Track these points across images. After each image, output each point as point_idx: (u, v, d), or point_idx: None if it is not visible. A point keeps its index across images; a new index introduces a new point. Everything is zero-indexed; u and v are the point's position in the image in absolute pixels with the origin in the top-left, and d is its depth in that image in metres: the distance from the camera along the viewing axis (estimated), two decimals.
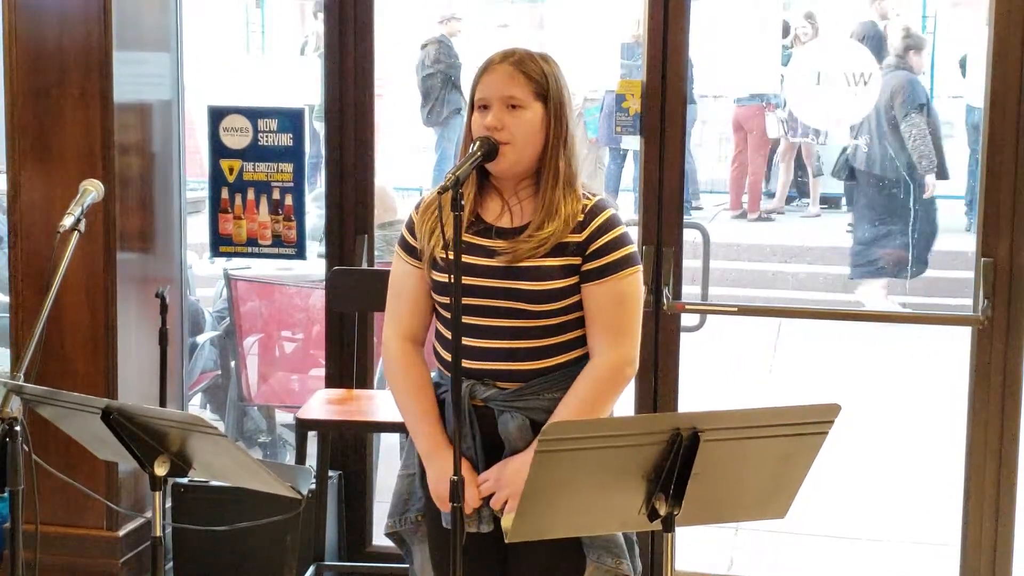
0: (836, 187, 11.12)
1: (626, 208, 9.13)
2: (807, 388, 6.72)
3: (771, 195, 11.04)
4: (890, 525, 5.01)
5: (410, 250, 2.73)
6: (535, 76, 2.62)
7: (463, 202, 2.49)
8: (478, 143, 2.58)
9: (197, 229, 4.72)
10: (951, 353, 4.56)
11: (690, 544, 4.32)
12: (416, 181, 10.44)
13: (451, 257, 2.44)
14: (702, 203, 10.93)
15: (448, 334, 2.61)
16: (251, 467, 2.42)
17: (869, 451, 5.91)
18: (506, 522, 2.56)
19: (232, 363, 5.37)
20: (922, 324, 6.44)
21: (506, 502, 2.59)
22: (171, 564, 4.09)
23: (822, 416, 2.18)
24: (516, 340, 2.61)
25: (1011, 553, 3.84)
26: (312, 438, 3.87)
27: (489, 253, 2.61)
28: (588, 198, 2.66)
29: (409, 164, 10.63)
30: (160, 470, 2.43)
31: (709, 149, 11.47)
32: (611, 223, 2.64)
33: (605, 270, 2.61)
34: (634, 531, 2.72)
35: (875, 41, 9.34)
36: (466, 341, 2.58)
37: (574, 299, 2.62)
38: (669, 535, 2.23)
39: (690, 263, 4.60)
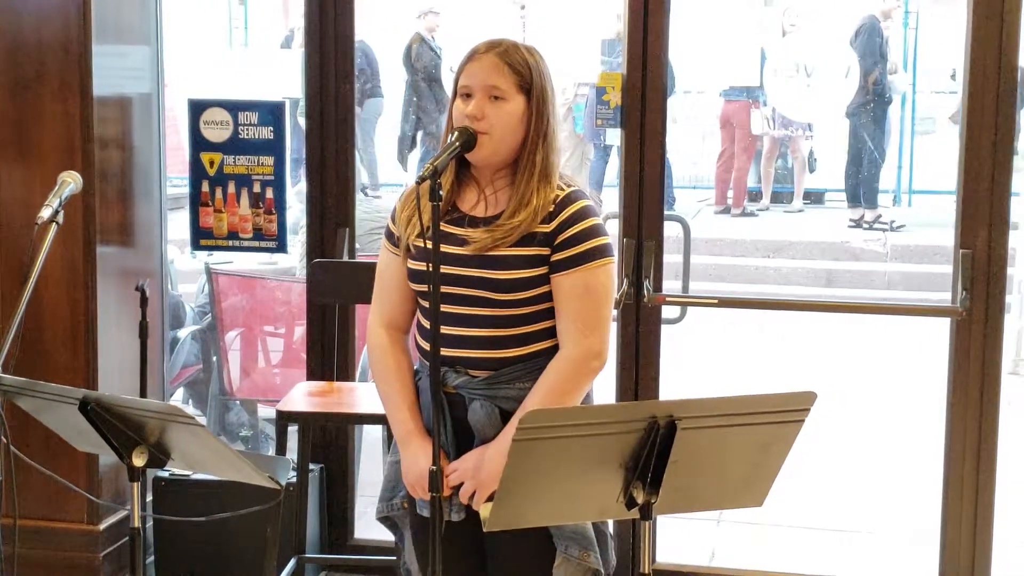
0: (818, 182, 11.18)
1: (611, 203, 9.15)
2: (790, 380, 6.74)
3: (756, 192, 11.09)
4: (872, 517, 5.03)
5: (394, 239, 2.74)
6: (520, 68, 2.62)
7: (441, 191, 2.49)
8: (456, 133, 2.58)
9: (179, 225, 4.72)
10: (933, 345, 4.59)
11: (671, 536, 4.34)
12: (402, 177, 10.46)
13: (426, 246, 2.45)
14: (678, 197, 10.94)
15: (427, 323, 2.62)
16: (229, 457, 2.42)
17: (851, 443, 5.94)
18: (484, 511, 2.57)
19: (214, 358, 5.36)
20: (902, 316, 6.47)
21: (474, 493, 2.60)
22: (152, 558, 4.09)
23: (798, 404, 2.18)
24: (486, 328, 2.61)
25: (990, 543, 3.86)
26: (294, 433, 3.87)
27: (461, 242, 2.62)
28: (562, 188, 2.65)
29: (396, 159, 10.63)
30: (138, 461, 2.42)
31: (692, 145, 11.50)
32: (582, 214, 2.62)
33: (572, 261, 2.60)
34: (609, 524, 2.73)
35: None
36: (441, 329, 2.59)
37: (543, 289, 2.61)
38: (647, 523, 2.23)
39: (673, 258, 4.61)
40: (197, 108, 4.22)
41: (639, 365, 3.99)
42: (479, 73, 2.61)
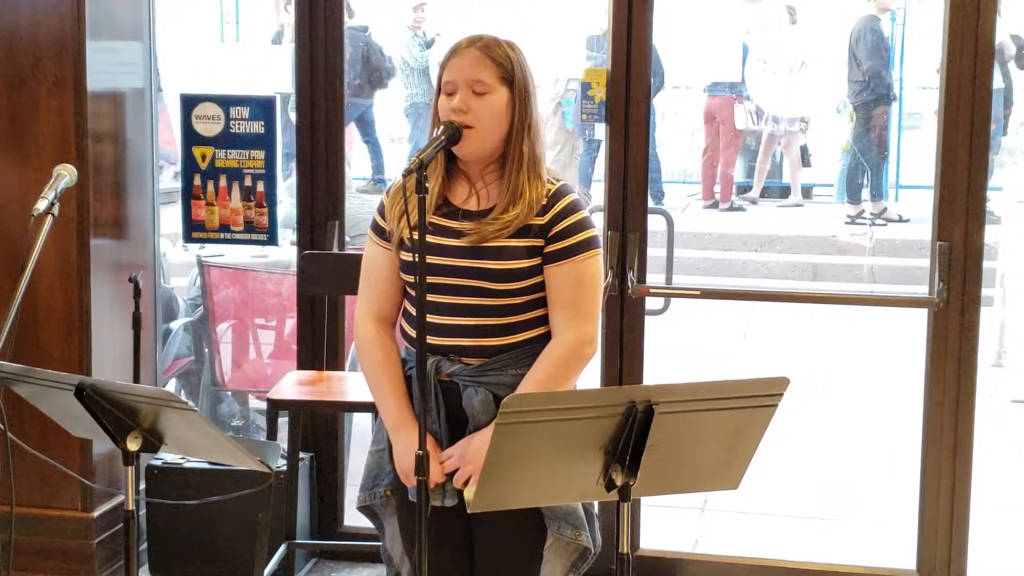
0: (805, 177, 11.24)
1: (600, 197, 9.20)
2: (773, 372, 6.80)
3: (743, 186, 11.16)
4: (853, 505, 5.11)
5: (381, 232, 2.80)
6: (501, 61, 2.69)
7: (427, 184, 2.56)
8: (442, 128, 2.65)
9: (171, 219, 4.79)
10: (914, 337, 4.67)
11: (656, 524, 4.41)
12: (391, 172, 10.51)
13: (412, 237, 2.52)
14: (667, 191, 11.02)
15: (415, 312, 2.69)
16: (221, 441, 2.48)
17: (833, 432, 6.01)
18: (468, 493, 2.64)
19: (206, 349, 5.43)
20: (880, 307, 6.54)
21: (469, 478, 2.67)
22: (145, 546, 4.16)
23: (772, 389, 2.25)
24: (481, 317, 2.69)
25: (966, 530, 3.94)
26: (284, 424, 3.93)
27: (456, 234, 2.69)
28: (552, 183, 2.74)
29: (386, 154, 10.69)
30: (132, 445, 2.48)
31: (680, 140, 11.57)
32: (573, 207, 2.72)
33: (566, 252, 2.69)
34: (595, 505, 2.80)
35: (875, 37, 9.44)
36: (433, 318, 2.66)
37: (537, 279, 2.70)
38: (626, 505, 2.30)
39: (658, 252, 4.67)
40: (189, 103, 4.29)
41: (623, 355, 4.07)
42: (462, 68, 2.68)
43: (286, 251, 5.53)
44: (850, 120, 10.20)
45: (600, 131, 4.23)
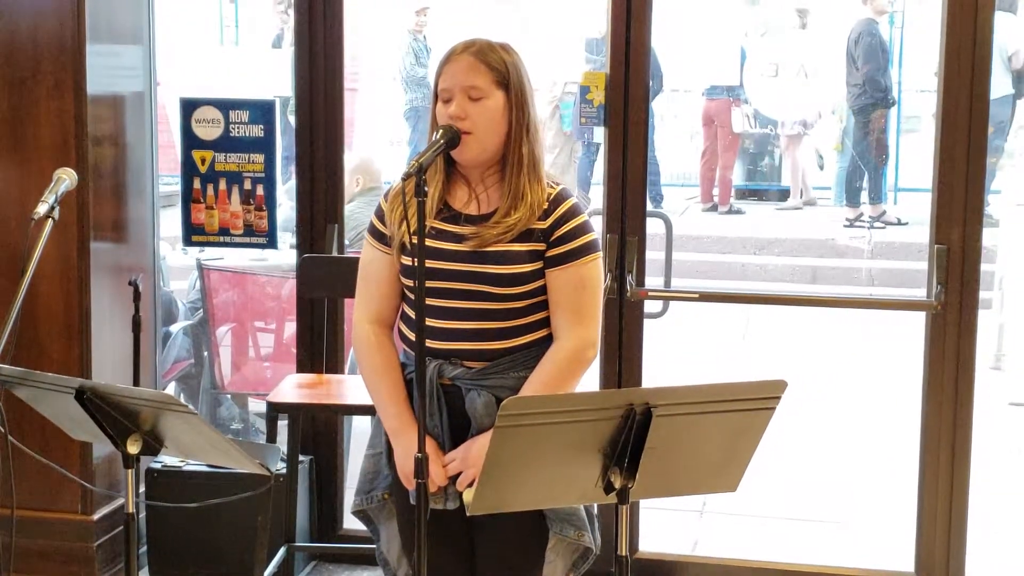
0: (810, 180, 11.25)
1: (598, 201, 9.20)
2: (771, 375, 6.80)
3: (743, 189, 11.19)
4: (851, 508, 5.12)
5: (379, 236, 2.81)
6: (496, 65, 2.70)
7: (426, 188, 2.57)
8: (441, 132, 2.66)
9: (171, 222, 4.79)
10: (913, 340, 4.68)
11: (655, 526, 4.42)
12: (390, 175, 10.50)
13: (412, 241, 2.53)
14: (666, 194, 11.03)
15: (415, 316, 2.70)
16: (221, 444, 2.49)
17: (832, 435, 6.02)
18: (467, 496, 2.64)
19: (205, 352, 5.43)
20: (878, 310, 6.55)
21: (472, 481, 2.67)
22: (144, 548, 4.16)
23: (769, 392, 2.26)
24: (482, 321, 2.70)
25: (964, 532, 3.94)
26: (283, 428, 3.94)
27: (457, 238, 2.70)
28: (552, 186, 2.75)
29: (385, 157, 10.69)
30: (133, 448, 2.50)
31: (679, 143, 11.59)
32: (574, 211, 2.73)
33: (568, 256, 2.70)
34: (594, 505, 2.81)
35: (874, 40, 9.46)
36: (434, 322, 2.67)
37: (538, 283, 2.71)
38: (624, 507, 2.31)
39: (657, 255, 4.69)
40: (189, 106, 4.30)
41: (622, 358, 4.07)
42: (457, 74, 2.69)
43: (285, 254, 5.55)
44: (840, 122, 10.21)
45: (599, 134, 4.25)
